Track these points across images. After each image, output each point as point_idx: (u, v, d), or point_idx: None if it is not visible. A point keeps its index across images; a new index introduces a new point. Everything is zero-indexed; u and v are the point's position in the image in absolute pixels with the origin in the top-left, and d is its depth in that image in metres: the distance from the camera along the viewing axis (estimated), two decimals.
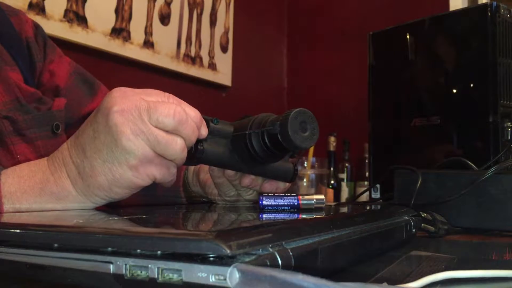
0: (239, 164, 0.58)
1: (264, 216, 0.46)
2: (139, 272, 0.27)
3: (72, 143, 0.52)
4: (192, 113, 0.50)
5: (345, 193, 1.96)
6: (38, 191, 0.51)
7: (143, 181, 0.50)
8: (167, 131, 0.48)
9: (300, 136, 0.50)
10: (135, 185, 0.50)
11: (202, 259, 0.26)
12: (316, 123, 0.52)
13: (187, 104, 0.51)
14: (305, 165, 1.81)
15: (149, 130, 0.47)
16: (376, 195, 0.98)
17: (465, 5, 1.97)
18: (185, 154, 0.50)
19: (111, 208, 0.58)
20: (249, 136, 0.54)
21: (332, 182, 1.95)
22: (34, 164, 0.54)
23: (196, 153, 0.54)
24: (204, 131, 0.53)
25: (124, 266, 0.28)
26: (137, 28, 1.75)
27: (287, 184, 0.64)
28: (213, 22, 2.12)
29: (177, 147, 0.49)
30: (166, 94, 0.51)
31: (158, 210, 0.60)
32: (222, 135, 0.56)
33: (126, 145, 0.47)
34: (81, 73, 0.81)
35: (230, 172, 0.62)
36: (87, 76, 0.82)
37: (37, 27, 0.78)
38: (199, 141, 0.54)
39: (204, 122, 0.53)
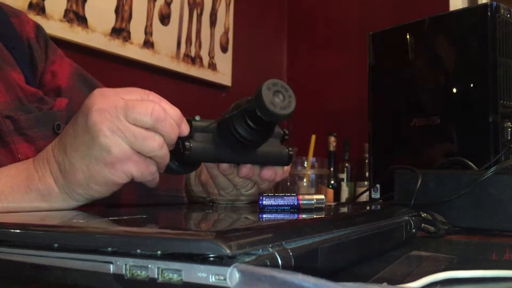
0: (231, 154, 0.57)
1: (264, 216, 0.46)
2: (139, 272, 0.27)
3: (56, 143, 0.53)
4: (171, 111, 0.51)
5: (345, 193, 1.96)
6: (24, 189, 0.52)
7: (119, 178, 0.50)
8: (145, 129, 0.49)
9: (278, 104, 0.49)
10: (112, 182, 0.50)
11: (202, 259, 0.26)
12: (290, 90, 0.51)
13: (167, 102, 0.52)
14: (305, 165, 1.81)
15: (126, 127, 0.48)
16: (376, 195, 0.98)
17: (465, 5, 1.97)
18: (164, 151, 0.51)
19: (110, 208, 0.58)
20: (230, 120, 0.53)
21: (332, 182, 1.95)
22: (22, 163, 0.56)
23: (184, 151, 0.54)
24: (185, 128, 0.53)
25: (124, 266, 0.28)
26: (137, 28, 1.75)
27: (285, 168, 0.63)
28: (213, 22, 2.12)
29: (155, 143, 0.49)
30: (147, 92, 0.52)
31: (158, 210, 0.60)
32: (208, 130, 0.56)
33: (103, 142, 0.48)
34: (82, 74, 0.81)
35: (224, 166, 0.61)
36: (88, 77, 0.82)
37: (38, 28, 0.78)
38: (185, 140, 0.54)
39: (184, 119, 0.54)
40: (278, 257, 0.27)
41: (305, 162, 1.81)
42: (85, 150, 0.49)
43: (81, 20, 1.55)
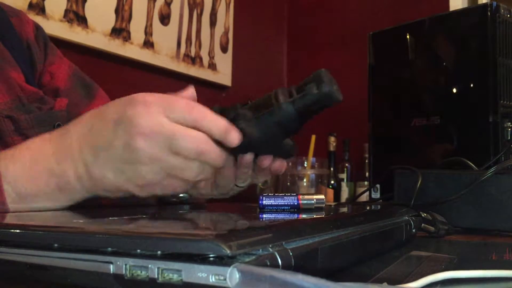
0: (258, 145, 0.54)
1: (264, 216, 0.46)
2: (139, 272, 0.27)
3: (83, 140, 0.50)
4: (215, 130, 0.49)
5: (345, 193, 1.96)
6: (45, 180, 0.51)
7: (143, 195, 0.51)
8: (185, 157, 0.48)
9: (336, 89, 0.51)
10: (136, 195, 0.51)
11: (202, 259, 0.26)
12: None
13: (211, 115, 0.49)
14: (305, 165, 1.81)
15: (167, 160, 0.47)
16: (376, 195, 0.98)
17: (465, 5, 1.97)
18: (202, 176, 0.50)
19: (111, 208, 0.58)
20: (280, 108, 0.51)
21: (332, 182, 1.95)
22: (35, 149, 0.53)
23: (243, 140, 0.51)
24: (235, 139, 0.50)
25: (124, 266, 0.28)
26: (137, 28, 1.75)
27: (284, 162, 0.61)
28: (213, 22, 2.12)
29: (192, 174, 0.49)
30: (191, 105, 0.49)
31: (158, 210, 0.60)
32: (246, 119, 0.52)
33: (141, 170, 0.48)
34: (80, 76, 0.81)
35: (248, 159, 0.57)
36: (85, 79, 0.82)
37: (38, 28, 0.78)
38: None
39: (233, 129, 0.50)
40: (278, 257, 0.27)
41: (305, 162, 1.81)
42: (119, 165, 0.48)
43: (81, 20, 1.55)
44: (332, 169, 1.96)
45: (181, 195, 0.74)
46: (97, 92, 0.82)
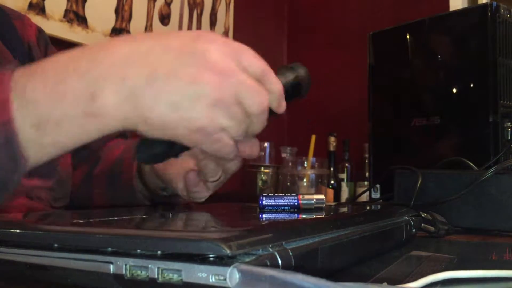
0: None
1: (264, 216, 0.46)
2: (139, 272, 0.27)
3: (134, 61, 0.42)
4: (277, 94, 0.48)
5: (345, 193, 1.96)
6: (72, 100, 0.41)
7: (187, 141, 0.44)
8: (243, 112, 0.44)
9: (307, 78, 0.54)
10: (177, 138, 0.44)
11: (202, 259, 0.26)
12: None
13: (274, 76, 0.48)
14: (305, 165, 1.81)
15: (229, 105, 0.43)
16: (376, 195, 0.98)
17: (465, 5, 1.97)
18: (242, 139, 0.46)
19: (110, 208, 0.58)
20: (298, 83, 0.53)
21: (332, 182, 1.95)
22: (63, 64, 0.43)
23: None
24: (282, 108, 0.49)
25: (124, 266, 0.28)
26: (137, 28, 1.75)
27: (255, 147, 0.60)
28: (213, 22, 2.12)
29: (241, 131, 0.45)
30: (259, 58, 0.47)
31: (158, 210, 0.60)
32: None
33: (201, 111, 0.42)
34: None
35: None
36: None
37: (40, 31, 0.78)
38: None
39: (283, 97, 0.49)
40: (278, 257, 0.27)
41: (305, 162, 1.81)
42: (177, 99, 0.42)
43: (81, 20, 1.55)
44: (332, 169, 1.96)
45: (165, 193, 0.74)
46: None
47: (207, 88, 0.42)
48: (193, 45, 0.43)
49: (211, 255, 0.26)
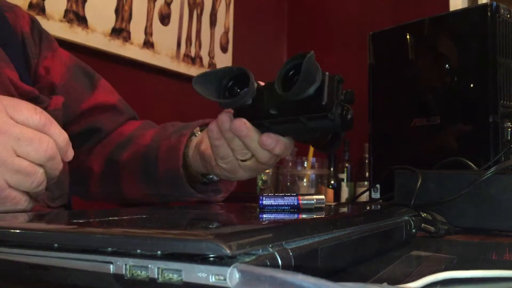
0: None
1: (264, 216, 0.46)
2: (139, 272, 0.27)
3: None
4: (61, 141, 0.46)
5: (345, 193, 1.96)
6: None
7: None
8: (30, 164, 0.44)
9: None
10: None
11: (202, 259, 0.26)
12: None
13: (56, 126, 0.47)
14: (305, 165, 1.81)
15: (11, 160, 0.43)
16: (376, 195, 0.98)
17: (465, 5, 1.97)
18: (41, 188, 0.46)
19: (110, 208, 0.58)
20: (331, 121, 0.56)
21: (332, 182, 1.95)
22: None
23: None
24: (70, 155, 0.48)
25: (124, 266, 0.28)
26: (137, 28, 1.75)
27: (287, 143, 0.64)
28: (213, 22, 2.12)
29: (36, 182, 0.44)
30: (37, 110, 0.46)
31: (158, 210, 0.60)
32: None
33: None
34: (81, 67, 0.81)
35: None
36: (88, 69, 0.81)
37: (33, 21, 0.77)
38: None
39: (70, 144, 0.48)
40: (278, 257, 0.27)
41: (305, 162, 1.81)
42: None
43: (81, 20, 1.55)
44: (332, 169, 1.96)
45: None
46: (99, 81, 0.81)
47: None
48: None
49: (211, 255, 0.26)
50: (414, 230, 0.52)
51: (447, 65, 0.96)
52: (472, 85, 0.90)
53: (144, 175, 0.77)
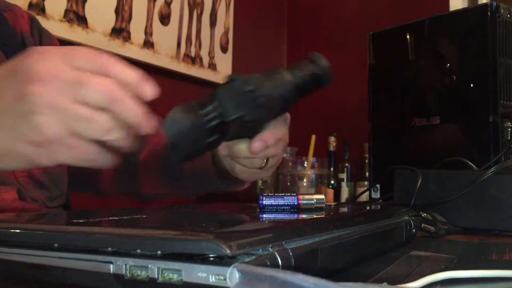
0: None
1: (264, 216, 0.46)
2: (139, 272, 0.27)
3: None
4: (131, 78, 0.42)
5: (345, 193, 1.96)
6: None
7: (43, 161, 0.43)
8: (94, 109, 0.41)
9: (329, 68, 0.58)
10: (32, 163, 0.43)
11: (202, 259, 0.26)
12: None
13: (123, 65, 0.43)
14: (305, 165, 1.81)
15: (70, 108, 0.40)
16: (376, 195, 0.98)
17: (465, 5, 1.97)
18: (115, 135, 0.42)
19: (110, 208, 0.58)
20: (283, 78, 0.54)
21: (332, 182, 1.95)
22: None
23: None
24: (151, 91, 0.44)
25: (124, 266, 0.28)
26: (137, 28, 1.75)
27: (280, 131, 0.60)
28: (213, 22, 2.12)
29: (100, 129, 0.41)
30: (98, 54, 0.42)
31: (159, 210, 0.60)
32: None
33: (36, 120, 0.40)
34: None
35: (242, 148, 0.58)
36: None
37: (32, 20, 0.77)
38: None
39: (143, 80, 0.44)
40: (278, 257, 0.27)
41: (305, 162, 1.81)
42: (11, 120, 0.41)
43: (81, 20, 1.55)
44: (332, 169, 1.96)
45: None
46: None
47: (35, 98, 0.40)
48: (18, 63, 0.42)
49: (211, 255, 0.26)
50: (414, 230, 0.52)
51: (447, 65, 0.96)
52: (472, 85, 0.91)
53: (164, 174, 0.76)
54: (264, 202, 0.49)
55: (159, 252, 0.27)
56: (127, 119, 0.42)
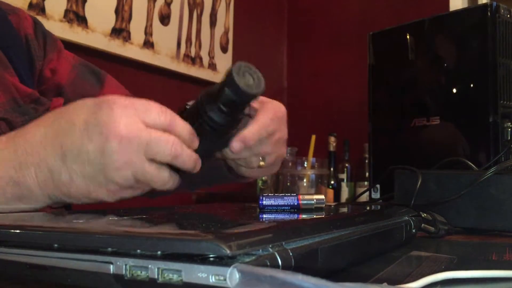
0: (212, 147, 0.56)
1: (264, 216, 0.46)
2: (139, 272, 0.27)
3: (47, 143, 0.48)
4: (184, 134, 0.49)
5: (345, 193, 1.96)
6: (1, 188, 0.48)
7: (112, 200, 0.50)
8: (157, 164, 0.48)
9: (252, 85, 0.49)
10: (103, 201, 0.50)
11: (202, 260, 0.26)
12: (257, 70, 0.51)
13: (179, 120, 0.49)
14: (305, 165, 1.81)
15: (141, 165, 0.47)
16: (376, 195, 0.98)
17: (465, 5, 1.97)
18: (172, 183, 0.50)
19: (110, 208, 0.58)
20: (209, 117, 0.52)
21: (332, 182, 1.95)
22: None
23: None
24: (196, 143, 0.51)
25: (124, 266, 0.28)
26: (137, 28, 1.75)
27: (260, 121, 0.59)
28: (213, 22, 2.12)
29: (162, 181, 0.49)
30: (163, 109, 0.49)
31: (158, 210, 0.60)
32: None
33: (114, 175, 0.46)
34: (86, 65, 0.81)
35: (218, 155, 0.59)
36: (92, 66, 0.81)
37: (36, 23, 0.77)
38: None
39: (195, 134, 0.51)
40: (278, 257, 0.27)
41: (305, 162, 1.81)
42: (90, 170, 0.46)
43: (81, 20, 1.55)
44: (332, 169, 1.96)
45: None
46: (106, 77, 0.81)
47: (115, 155, 0.45)
48: (96, 116, 0.46)
49: (211, 255, 0.26)
50: (414, 230, 0.52)
51: (447, 65, 0.97)
52: (472, 85, 0.91)
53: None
54: (264, 202, 0.49)
55: (159, 252, 0.27)
56: (183, 168, 0.50)
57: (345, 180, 1.98)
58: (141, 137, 0.46)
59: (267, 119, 0.59)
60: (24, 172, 0.48)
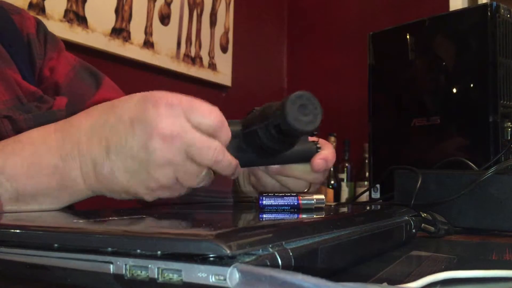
0: (258, 159, 0.57)
1: (264, 216, 0.46)
2: (139, 272, 0.27)
3: (93, 135, 0.48)
4: (224, 136, 0.49)
5: (345, 193, 1.96)
6: (47, 177, 0.48)
7: (151, 199, 0.51)
8: (197, 164, 0.48)
9: (302, 120, 0.47)
10: (141, 198, 0.50)
11: (202, 259, 0.26)
12: (317, 101, 0.48)
13: (226, 127, 0.49)
14: None
15: (183, 164, 0.47)
16: (376, 195, 0.98)
17: (465, 5, 1.98)
18: (203, 183, 0.50)
19: (110, 208, 0.58)
20: (256, 132, 0.52)
21: (332, 182, 1.95)
22: (38, 142, 0.50)
23: None
24: (227, 137, 0.50)
25: (124, 266, 0.28)
26: (137, 28, 1.75)
27: (331, 150, 0.60)
28: (213, 22, 2.12)
29: (199, 180, 0.49)
30: (211, 110, 0.48)
31: (158, 211, 0.60)
32: (234, 135, 0.53)
33: (155, 173, 0.47)
34: (86, 66, 0.81)
35: (274, 168, 0.60)
36: (92, 68, 0.82)
37: (39, 23, 0.78)
38: None
39: (228, 130, 0.50)
40: (278, 257, 0.27)
41: None
42: (133, 166, 0.47)
43: (81, 20, 1.55)
44: (332, 169, 1.96)
45: None
46: (104, 79, 0.81)
47: (158, 153, 0.46)
48: (143, 112, 0.47)
49: (211, 255, 0.26)
50: (414, 230, 0.52)
51: (446, 65, 0.97)
52: (472, 85, 0.91)
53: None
54: (264, 202, 0.49)
55: (159, 252, 0.27)
56: (226, 172, 0.51)
57: (345, 180, 1.98)
58: (184, 137, 0.46)
59: (332, 152, 0.60)
60: (70, 163, 0.48)
